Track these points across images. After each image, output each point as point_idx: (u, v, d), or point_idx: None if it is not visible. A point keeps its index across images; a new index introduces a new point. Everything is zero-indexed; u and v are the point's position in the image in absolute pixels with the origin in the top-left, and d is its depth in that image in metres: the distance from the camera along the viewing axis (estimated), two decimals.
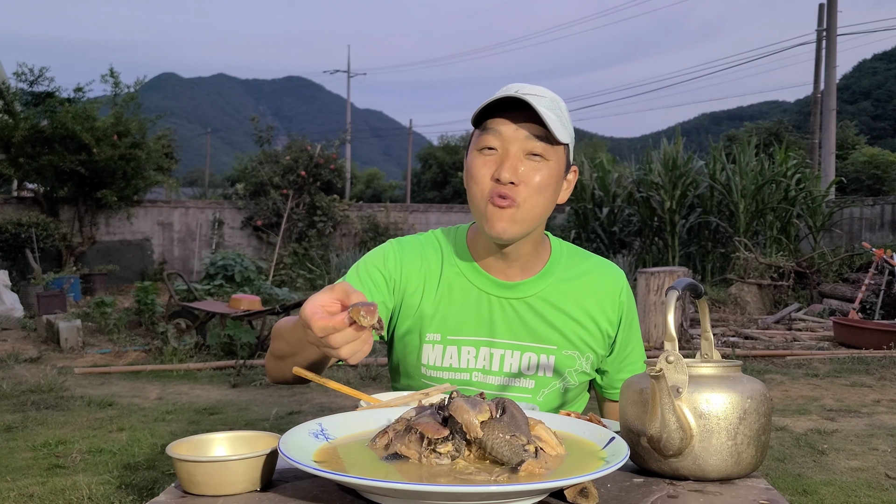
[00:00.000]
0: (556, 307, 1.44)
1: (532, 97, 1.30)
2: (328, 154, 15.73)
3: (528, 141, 1.31)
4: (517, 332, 1.43)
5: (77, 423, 4.71)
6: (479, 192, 1.33)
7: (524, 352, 1.43)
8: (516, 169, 1.30)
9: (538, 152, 1.31)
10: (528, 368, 1.43)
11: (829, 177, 17.10)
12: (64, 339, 7.51)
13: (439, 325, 1.44)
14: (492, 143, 1.32)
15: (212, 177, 42.55)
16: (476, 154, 1.34)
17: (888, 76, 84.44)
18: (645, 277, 7.67)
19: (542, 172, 1.32)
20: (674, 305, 0.99)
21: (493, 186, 1.31)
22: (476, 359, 1.44)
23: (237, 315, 7.00)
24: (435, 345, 1.44)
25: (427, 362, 1.45)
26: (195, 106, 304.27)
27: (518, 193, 1.31)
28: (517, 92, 1.30)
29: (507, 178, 1.29)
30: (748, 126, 35.70)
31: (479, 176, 1.33)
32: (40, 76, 14.43)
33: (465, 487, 0.80)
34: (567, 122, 1.36)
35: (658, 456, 0.99)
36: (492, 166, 1.32)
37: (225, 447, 1.02)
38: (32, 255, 12.01)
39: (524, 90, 1.32)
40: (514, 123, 1.31)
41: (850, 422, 4.81)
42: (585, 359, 1.46)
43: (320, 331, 0.98)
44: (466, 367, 1.44)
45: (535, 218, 1.34)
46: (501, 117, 1.32)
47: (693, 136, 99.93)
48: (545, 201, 1.34)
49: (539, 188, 1.32)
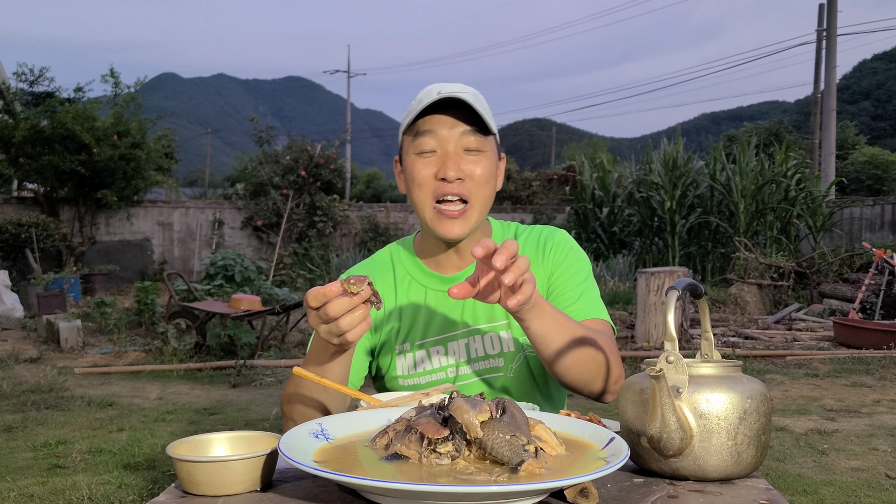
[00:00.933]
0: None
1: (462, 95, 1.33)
2: (328, 154, 15.74)
3: (464, 137, 1.34)
4: (472, 317, 1.46)
5: (77, 423, 4.71)
6: (423, 196, 1.37)
7: (484, 334, 1.46)
8: (459, 165, 1.34)
9: (475, 147, 1.35)
10: (493, 348, 1.46)
11: (829, 177, 17.10)
12: (64, 339, 7.51)
13: (405, 335, 1.48)
14: (429, 144, 1.35)
15: (212, 177, 42.55)
16: (415, 158, 1.37)
17: (888, 76, 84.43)
18: (645, 277, 7.67)
19: (482, 165, 1.36)
20: (674, 305, 0.99)
21: (437, 186, 1.35)
22: (447, 356, 1.47)
23: (237, 315, 7.00)
24: (406, 354, 1.49)
25: (402, 373, 1.49)
26: (195, 106, 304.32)
27: (467, 188, 1.35)
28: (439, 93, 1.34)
29: (452, 175, 1.33)
30: (748, 126, 35.70)
31: (421, 179, 1.36)
32: (40, 76, 14.44)
33: (465, 487, 0.80)
34: (489, 111, 1.39)
35: (658, 456, 0.99)
36: (433, 167, 1.35)
37: (225, 447, 1.02)
38: (32, 255, 12.01)
39: (447, 89, 1.34)
40: (446, 124, 1.34)
41: (850, 422, 4.81)
42: None
43: (314, 300, 1.03)
44: (440, 367, 1.47)
45: (483, 209, 1.39)
46: (432, 119, 1.35)
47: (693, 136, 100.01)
48: (490, 192, 1.39)
49: (483, 180, 1.36)
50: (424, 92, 1.38)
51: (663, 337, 0.99)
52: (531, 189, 20.33)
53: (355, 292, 1.03)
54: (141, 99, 14.56)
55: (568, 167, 21.21)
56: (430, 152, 1.35)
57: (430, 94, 1.35)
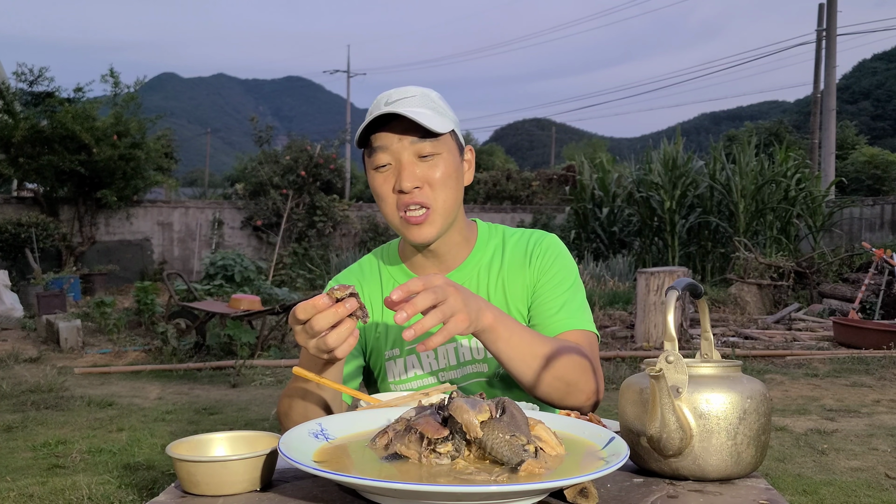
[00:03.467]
0: (488, 285, 1.47)
1: (399, 103, 1.34)
2: (328, 154, 15.74)
3: (414, 145, 1.34)
4: None
5: (77, 423, 4.71)
6: (388, 209, 1.39)
7: (471, 338, 1.43)
8: (414, 174, 1.34)
9: (427, 152, 1.35)
10: (479, 351, 1.46)
11: (829, 177, 17.10)
12: (64, 339, 7.51)
13: (394, 341, 1.49)
14: (383, 159, 1.36)
15: (212, 177, 42.55)
16: (374, 174, 1.38)
17: (888, 76, 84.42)
18: (645, 277, 7.67)
19: (439, 168, 1.36)
20: (673, 305, 0.99)
21: (398, 199, 1.36)
22: (437, 360, 1.47)
23: (237, 315, 7.00)
24: (396, 359, 1.49)
25: (393, 378, 1.49)
26: (195, 106, 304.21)
27: (425, 195, 1.35)
28: (387, 103, 1.35)
29: (408, 186, 1.34)
30: (748, 126, 35.70)
31: (383, 193, 1.38)
32: (40, 76, 14.44)
33: (465, 487, 0.80)
34: (444, 108, 1.39)
35: (658, 456, 0.99)
36: (392, 180, 1.36)
37: (225, 447, 1.02)
38: (32, 255, 12.01)
39: (393, 97, 1.37)
40: (396, 134, 1.34)
41: (849, 422, 4.81)
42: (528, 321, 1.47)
43: (303, 312, 1.05)
44: (431, 371, 1.48)
45: (448, 211, 1.39)
46: (382, 132, 1.35)
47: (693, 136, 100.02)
48: (453, 192, 1.38)
49: (442, 182, 1.36)
50: (374, 105, 1.39)
51: (663, 337, 0.99)
52: (531, 189, 20.33)
53: (340, 297, 1.05)
54: (141, 99, 14.55)
55: (568, 167, 21.23)
56: (385, 166, 1.37)
57: (378, 107, 1.37)
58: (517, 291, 1.47)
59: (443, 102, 1.41)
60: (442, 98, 1.42)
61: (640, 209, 14.56)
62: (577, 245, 14.97)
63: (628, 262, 13.21)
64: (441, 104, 1.40)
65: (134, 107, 14.26)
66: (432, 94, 1.40)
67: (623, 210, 15.27)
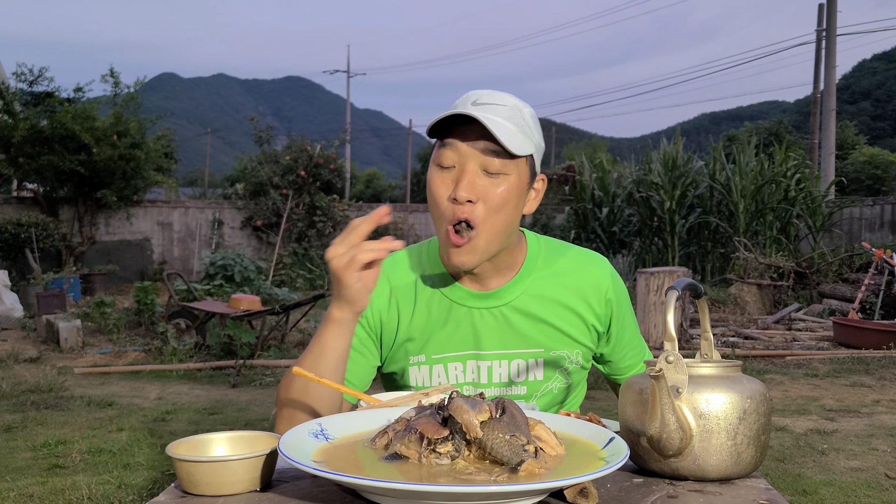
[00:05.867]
0: (538, 308, 1.40)
1: (487, 108, 1.25)
2: (328, 154, 15.74)
3: (485, 156, 1.24)
4: (503, 340, 1.39)
5: (77, 423, 4.71)
6: (439, 214, 1.29)
7: (512, 359, 1.40)
8: (473, 186, 1.25)
9: (495, 169, 1.25)
10: (519, 375, 1.40)
11: (829, 177, 17.10)
12: (64, 339, 7.51)
13: (421, 346, 1.41)
14: (449, 159, 1.26)
15: (212, 177, 42.54)
16: (435, 170, 1.29)
17: (888, 76, 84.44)
18: (645, 277, 7.67)
19: (500, 189, 1.26)
20: (673, 305, 0.99)
21: (451, 208, 1.26)
22: (464, 374, 1.41)
23: (237, 315, 7.00)
24: (421, 366, 1.41)
25: (415, 384, 1.42)
26: (195, 106, 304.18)
27: (475, 213, 1.25)
28: (474, 103, 1.26)
29: (463, 196, 1.24)
30: (748, 126, 35.70)
31: (437, 196, 1.28)
32: (40, 76, 14.42)
33: (465, 487, 0.80)
34: (531, 129, 1.30)
35: (658, 456, 0.99)
36: (450, 185, 1.26)
37: (225, 447, 1.02)
38: (32, 255, 12.01)
39: (483, 100, 1.27)
40: (470, 138, 1.24)
41: (849, 422, 4.81)
42: (576, 355, 1.43)
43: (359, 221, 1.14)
44: (456, 384, 1.41)
45: (495, 239, 1.29)
46: (458, 131, 1.25)
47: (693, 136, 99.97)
48: (505, 219, 1.28)
49: (498, 206, 1.26)
50: (461, 99, 1.29)
51: (663, 337, 0.99)
52: None
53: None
54: (141, 99, 14.54)
55: (567, 167, 21.20)
56: (449, 168, 1.27)
57: (465, 103, 1.27)
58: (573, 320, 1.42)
59: (533, 122, 1.30)
60: (535, 117, 1.32)
61: (640, 209, 14.56)
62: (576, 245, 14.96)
63: (628, 262, 13.21)
64: (530, 123, 1.29)
65: (134, 107, 14.25)
66: (526, 112, 1.29)
67: (623, 210, 15.27)
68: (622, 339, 1.48)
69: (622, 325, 1.48)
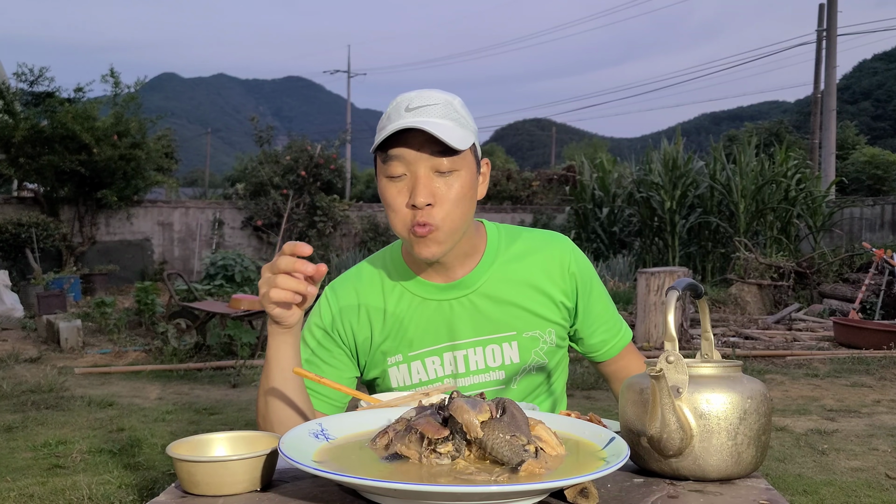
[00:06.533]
0: (506, 292, 1.43)
1: (421, 111, 1.27)
2: (328, 154, 15.74)
3: (433, 159, 1.27)
4: (476, 327, 1.42)
5: (77, 423, 4.71)
6: (399, 221, 1.32)
7: (486, 345, 1.43)
8: (429, 191, 1.28)
9: (445, 168, 1.28)
10: (495, 360, 1.44)
11: (830, 177, 17.10)
12: (64, 339, 7.51)
13: (397, 346, 1.44)
14: (398, 170, 1.29)
15: (212, 177, 42.55)
16: (387, 182, 1.31)
17: (888, 76, 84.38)
18: (645, 277, 7.67)
19: (454, 186, 1.29)
20: (674, 305, 0.99)
21: (411, 214, 1.29)
22: (443, 366, 1.44)
23: (237, 315, 7.00)
24: (399, 365, 1.45)
25: (397, 384, 1.46)
26: (195, 106, 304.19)
27: (435, 215, 1.29)
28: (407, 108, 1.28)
29: (422, 202, 1.27)
30: (748, 126, 35.69)
31: (395, 205, 1.31)
32: (40, 76, 14.43)
33: (465, 487, 0.80)
34: (465, 118, 1.32)
35: (658, 456, 0.99)
36: (406, 193, 1.29)
37: (225, 447, 1.02)
38: (32, 255, 12.01)
39: (414, 103, 1.29)
40: (414, 146, 1.26)
41: (850, 422, 4.81)
42: (548, 334, 1.46)
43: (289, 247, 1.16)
44: (435, 377, 1.44)
45: (457, 229, 1.33)
46: (400, 140, 1.28)
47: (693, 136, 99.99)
48: (464, 210, 1.32)
49: (456, 202, 1.30)
50: (393, 107, 1.31)
51: (663, 337, 0.99)
52: (531, 189, 20.34)
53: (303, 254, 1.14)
54: (141, 99, 14.55)
55: (568, 167, 21.23)
56: (399, 177, 1.29)
57: (398, 111, 1.29)
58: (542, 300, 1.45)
59: (465, 111, 1.34)
60: (464, 106, 1.35)
61: (641, 209, 14.56)
62: (576, 245, 14.96)
63: (628, 262, 13.21)
64: (464, 113, 1.32)
65: (134, 107, 14.26)
66: (455, 103, 1.32)
67: (623, 210, 15.27)
68: (590, 313, 1.50)
69: (589, 298, 1.50)
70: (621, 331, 1.55)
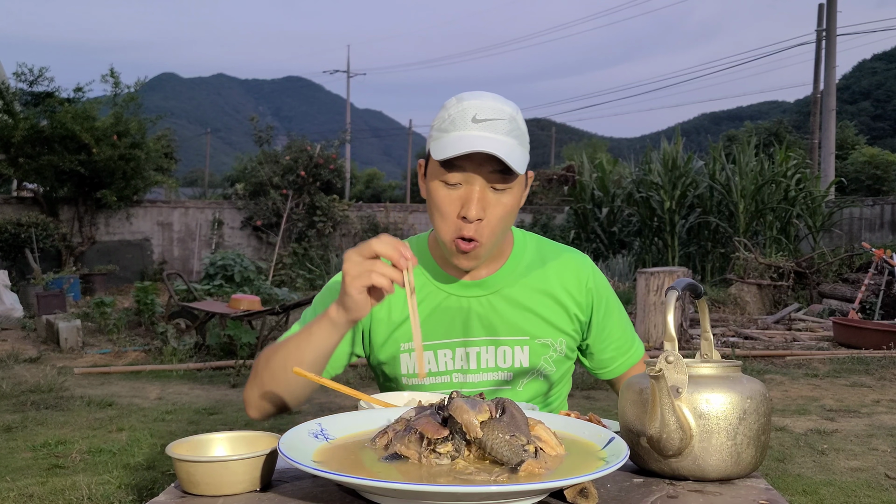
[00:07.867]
0: (524, 297, 1.46)
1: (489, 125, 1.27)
2: (328, 154, 15.74)
3: (492, 175, 1.29)
4: (490, 327, 1.45)
5: (77, 423, 4.71)
6: (446, 228, 1.33)
7: (499, 346, 1.45)
8: (483, 206, 1.30)
9: (501, 186, 1.31)
10: (505, 362, 1.46)
11: (829, 177, 17.10)
12: (64, 339, 7.51)
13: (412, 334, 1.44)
14: (456, 178, 1.30)
15: (212, 177, 42.56)
16: (439, 187, 1.32)
17: (888, 76, 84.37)
18: (645, 277, 7.67)
19: (505, 203, 1.32)
20: (673, 305, 0.99)
21: (458, 225, 1.31)
22: (453, 360, 1.46)
23: (237, 315, 7.00)
24: (411, 353, 1.46)
25: (406, 371, 1.47)
26: (195, 106, 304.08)
27: (482, 232, 1.31)
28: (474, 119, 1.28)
29: (473, 215, 1.29)
30: (748, 126, 35.70)
31: (447, 212, 1.32)
32: (40, 76, 14.41)
33: (465, 487, 0.80)
34: (525, 134, 1.34)
35: (658, 456, 0.99)
36: (458, 203, 1.31)
37: (225, 447, 1.02)
38: (32, 255, 12.00)
39: (482, 115, 1.28)
40: (476, 161, 1.28)
41: (849, 422, 4.81)
42: (559, 344, 1.48)
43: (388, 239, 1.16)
44: (445, 370, 1.46)
45: (497, 243, 1.37)
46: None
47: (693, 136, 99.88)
48: (507, 224, 1.36)
49: (503, 218, 1.33)
50: (458, 112, 1.30)
51: (663, 337, 0.99)
52: (531, 189, 20.37)
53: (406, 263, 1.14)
54: (141, 99, 14.54)
55: (567, 167, 21.22)
56: (455, 185, 1.31)
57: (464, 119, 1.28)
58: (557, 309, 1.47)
59: (524, 125, 1.35)
60: (522, 117, 1.35)
61: (640, 209, 14.56)
62: (576, 245, 14.97)
63: (628, 262, 13.21)
64: (524, 129, 1.34)
65: (134, 107, 14.25)
66: (518, 118, 1.33)
67: (623, 210, 15.27)
68: (603, 329, 1.53)
69: (604, 315, 1.52)
70: (632, 348, 1.58)
